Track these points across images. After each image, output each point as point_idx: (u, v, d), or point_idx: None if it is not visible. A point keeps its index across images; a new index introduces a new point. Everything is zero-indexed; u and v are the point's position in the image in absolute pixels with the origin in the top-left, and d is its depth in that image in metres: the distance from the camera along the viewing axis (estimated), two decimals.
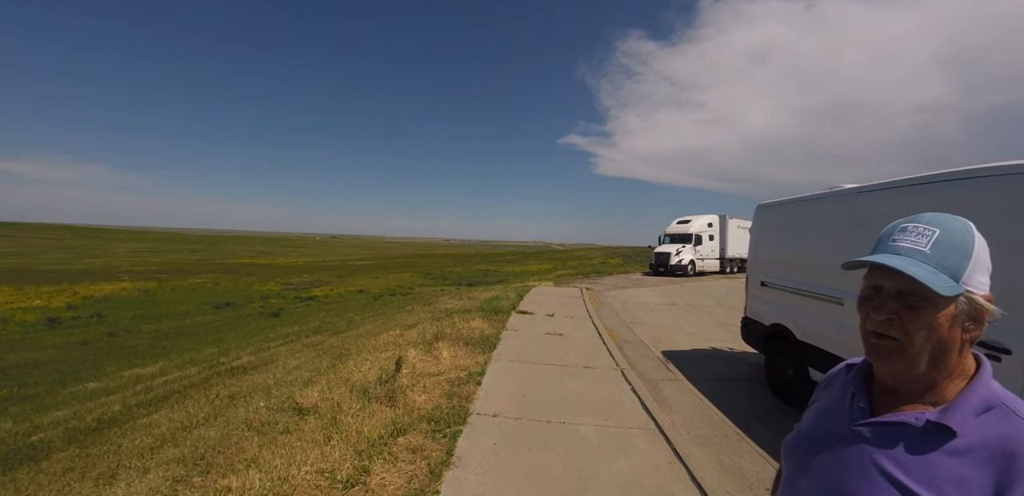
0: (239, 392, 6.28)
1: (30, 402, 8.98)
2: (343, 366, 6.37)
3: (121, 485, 3.67)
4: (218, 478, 3.50)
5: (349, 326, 12.14)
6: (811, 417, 1.11)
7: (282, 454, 3.73)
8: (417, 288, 35.60)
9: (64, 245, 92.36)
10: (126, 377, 9.81)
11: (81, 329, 19.36)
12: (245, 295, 30.67)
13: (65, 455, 5.15)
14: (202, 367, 9.26)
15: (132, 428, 5.64)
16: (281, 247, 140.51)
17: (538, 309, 11.76)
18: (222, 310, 24.22)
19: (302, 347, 9.67)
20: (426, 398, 5.06)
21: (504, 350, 7.39)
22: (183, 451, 4.16)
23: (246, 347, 11.25)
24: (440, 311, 11.76)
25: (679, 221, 28.09)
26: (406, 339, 7.96)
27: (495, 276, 48.39)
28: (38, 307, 24.72)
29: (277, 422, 4.51)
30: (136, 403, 7.13)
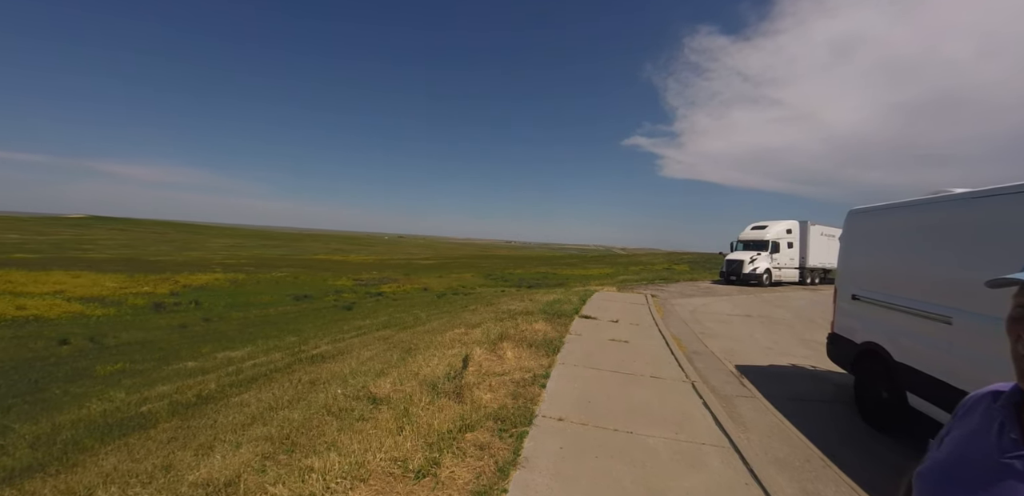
0: (319, 379, 6.73)
1: (139, 376, 10.15)
2: (412, 360, 6.61)
3: (217, 457, 4.03)
4: (302, 457, 3.75)
5: (416, 322, 12.60)
6: (949, 448, 0.99)
7: (359, 440, 3.93)
8: (478, 288, 36.27)
9: (167, 239, 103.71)
10: (219, 359, 10.86)
11: (181, 314, 21.62)
12: (321, 289, 32.78)
13: (169, 426, 5.79)
14: (285, 353, 10.04)
15: (225, 405, 6.23)
16: (353, 245, 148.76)
17: (601, 314, 11.56)
18: (301, 302, 26.07)
19: (374, 340, 10.17)
20: (492, 397, 5.13)
21: (568, 354, 7.33)
22: (270, 430, 4.50)
23: (323, 337, 12.04)
24: (503, 312, 11.88)
25: (754, 227, 26.40)
26: (471, 338, 8.12)
27: (555, 279, 48.18)
28: (146, 293, 27.90)
29: (353, 409, 4.76)
30: (229, 383, 7.87)
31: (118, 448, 5.20)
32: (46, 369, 11.37)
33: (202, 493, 3.36)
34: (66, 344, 14.62)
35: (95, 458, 5.05)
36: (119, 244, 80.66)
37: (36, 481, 4.72)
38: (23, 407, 8.21)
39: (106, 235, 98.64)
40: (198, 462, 3.98)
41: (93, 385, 9.35)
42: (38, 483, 4.64)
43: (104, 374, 10.30)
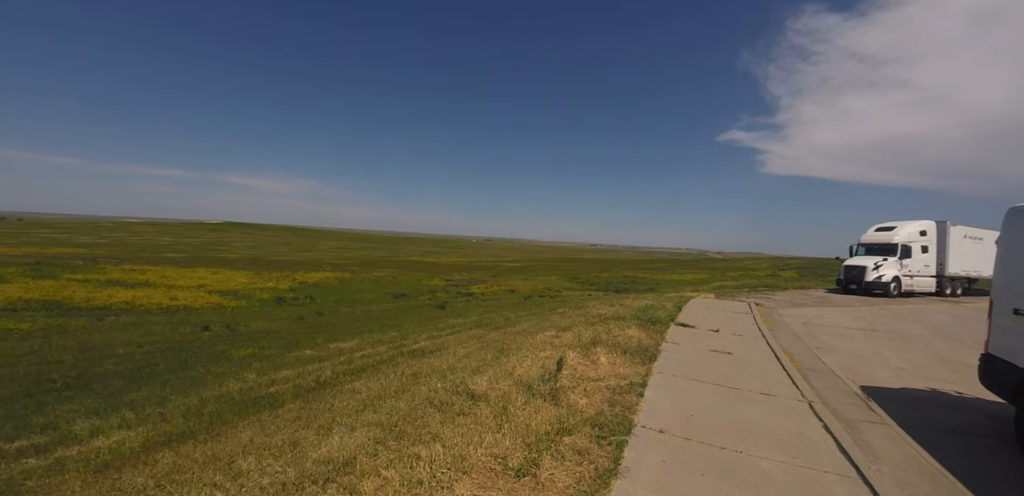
0: (420, 372, 7.12)
1: (266, 361, 11.46)
2: (506, 360, 6.73)
3: (335, 437, 4.41)
4: (409, 445, 3.97)
5: (506, 323, 12.84)
6: None
7: (460, 433, 4.07)
8: (564, 291, 36.09)
9: (285, 241, 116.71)
10: (331, 349, 11.96)
11: (299, 307, 24.13)
12: (416, 288, 34.73)
13: (293, 406, 6.48)
14: (388, 347, 10.79)
15: (340, 391, 6.83)
16: (444, 248, 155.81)
17: (700, 323, 10.91)
18: (399, 300, 27.85)
19: (468, 338, 10.55)
20: (587, 402, 5.04)
21: (666, 363, 7.00)
22: (380, 417, 4.83)
23: (421, 333, 12.75)
24: (592, 316, 11.68)
25: (879, 228, 23.14)
26: (562, 341, 8.08)
27: (644, 284, 46.46)
28: (270, 288, 31.53)
29: (453, 403, 4.95)
30: (342, 371, 8.63)
31: (252, 423, 5.93)
32: (192, 351, 13.30)
33: (324, 470, 3.69)
34: (207, 330, 16.98)
35: (234, 430, 5.80)
36: (248, 246, 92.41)
37: (188, 446, 5.53)
38: (176, 382, 9.66)
39: (238, 238, 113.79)
40: (319, 441, 4.38)
41: (229, 367, 10.76)
42: (190, 447, 5.42)
43: (238, 357, 11.83)
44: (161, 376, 10.16)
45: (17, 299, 21.73)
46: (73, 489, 4.66)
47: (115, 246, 69.75)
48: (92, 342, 14.20)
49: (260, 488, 3.55)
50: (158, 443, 5.75)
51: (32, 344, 13.51)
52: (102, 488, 4.45)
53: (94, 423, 6.85)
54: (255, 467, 3.99)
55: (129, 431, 6.35)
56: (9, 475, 5.38)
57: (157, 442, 5.79)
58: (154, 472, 4.56)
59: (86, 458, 5.54)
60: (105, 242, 76.85)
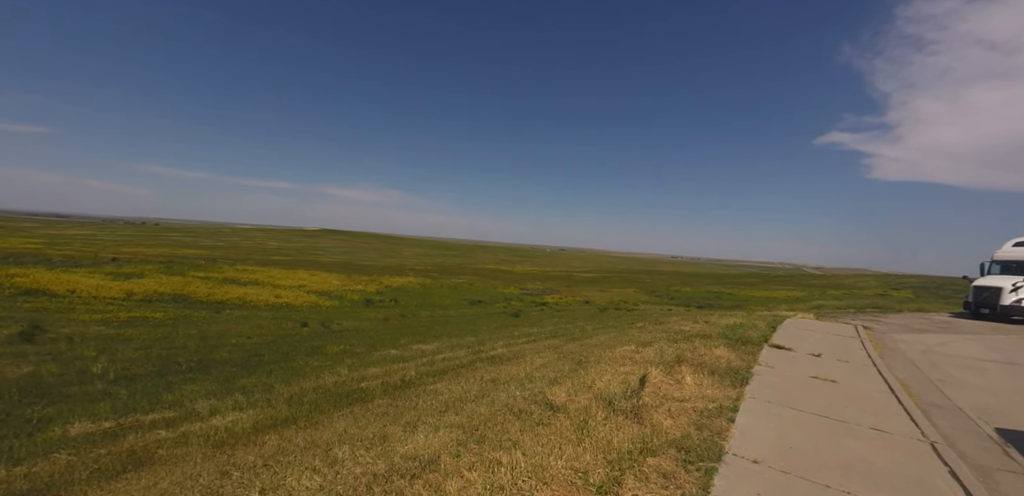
0: (499, 378, 7.23)
1: (356, 357, 12.27)
2: (584, 373, 6.63)
3: (421, 436, 4.60)
4: (490, 450, 4.03)
5: (583, 335, 12.67)
6: None
7: (541, 443, 4.07)
8: (641, 304, 34.87)
9: (373, 247, 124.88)
10: (414, 350, 12.56)
11: (384, 309, 25.61)
12: (492, 295, 35.42)
13: (382, 402, 6.87)
14: (467, 351, 11.11)
15: (424, 392, 7.13)
16: (518, 256, 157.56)
17: (798, 345, 9.99)
18: (475, 306, 28.59)
19: (544, 348, 10.56)
20: (672, 423, 4.81)
21: (759, 388, 6.49)
22: (461, 419, 4.96)
23: (498, 340, 13.00)
24: (675, 332, 11.16)
25: (1017, 243, 19.69)
26: (643, 357, 7.80)
27: (730, 300, 43.58)
28: (359, 290, 33.81)
29: (532, 412, 4.97)
30: (424, 372, 9.03)
31: (345, 415, 6.37)
32: (292, 344, 14.61)
33: (411, 465, 3.86)
34: (305, 326, 18.56)
35: (330, 420, 6.27)
36: (341, 251, 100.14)
37: (291, 431, 6.05)
38: (279, 372, 10.63)
39: (332, 244, 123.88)
40: (406, 437, 4.59)
41: (325, 361, 11.67)
42: (292, 432, 5.93)
43: (332, 353, 12.80)
44: (267, 365, 11.25)
45: (153, 292, 25.29)
46: (195, 461, 5.29)
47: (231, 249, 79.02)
48: (211, 332, 16.12)
49: (354, 476, 3.79)
50: (265, 426, 6.37)
51: (163, 331, 15.62)
52: (219, 462, 5.00)
53: (212, 403, 7.74)
54: (349, 456, 4.27)
55: (241, 413, 7.11)
56: (145, 443, 6.24)
57: (265, 425, 6.41)
58: (262, 452, 5.05)
59: (206, 434, 6.27)
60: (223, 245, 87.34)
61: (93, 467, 5.47)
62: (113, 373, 10.14)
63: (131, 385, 9.39)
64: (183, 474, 4.75)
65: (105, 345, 12.80)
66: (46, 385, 9.10)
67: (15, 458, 5.83)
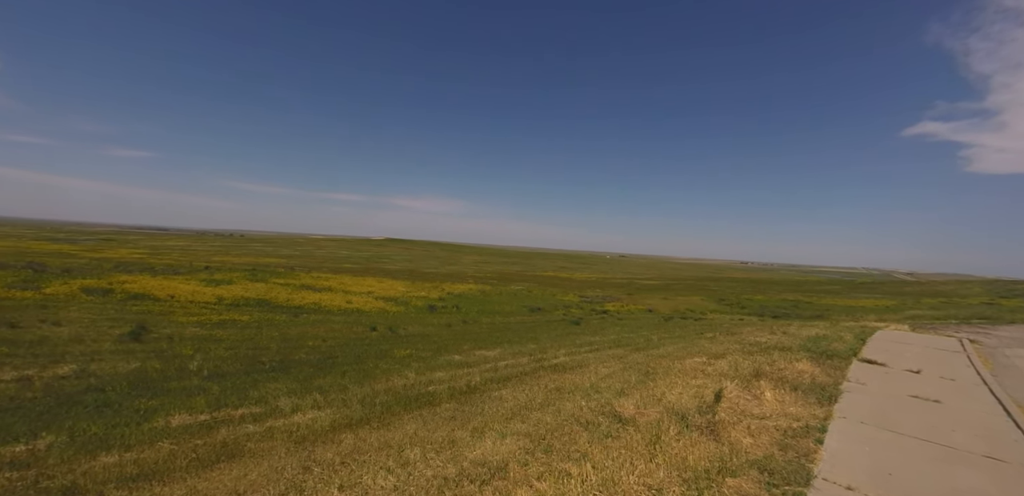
0: (563, 387, 7.15)
1: (422, 362, 12.61)
2: (653, 384, 6.39)
3: (488, 442, 4.62)
4: (558, 460, 3.98)
5: (648, 345, 12.26)
6: None
7: (611, 456, 3.96)
8: (710, 313, 33.19)
9: (434, 255, 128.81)
10: (477, 356, 12.73)
11: (447, 315, 26.21)
12: (551, 303, 35.23)
13: (448, 406, 7.01)
14: (529, 359, 11.10)
15: (488, 398, 7.19)
16: (576, 263, 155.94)
17: (892, 361, 9.06)
18: (535, 313, 28.55)
19: (608, 358, 10.32)
20: (753, 442, 4.51)
21: (850, 407, 5.94)
22: (528, 427, 4.94)
23: (559, 348, 12.89)
24: (750, 344, 10.51)
25: None
26: (716, 369, 7.40)
27: (809, 309, 40.47)
28: (422, 297, 34.87)
29: (599, 424, 4.85)
30: (488, 379, 9.12)
31: (415, 417, 6.56)
32: (363, 347, 15.28)
33: (480, 471, 3.88)
34: (374, 331, 19.39)
35: (401, 421, 6.47)
36: (405, 259, 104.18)
37: (365, 430, 6.31)
38: (352, 373, 11.14)
39: (397, 252, 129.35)
40: (474, 443, 4.64)
41: (393, 364, 12.10)
42: (366, 432, 6.17)
43: (399, 356, 13.25)
44: (340, 367, 11.85)
45: (240, 297, 27.52)
46: (280, 455, 5.64)
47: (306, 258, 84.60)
48: (290, 334, 17.26)
49: (425, 479, 3.87)
50: (342, 425, 6.69)
51: (249, 333, 16.92)
52: (301, 457, 5.30)
53: (294, 401, 8.25)
54: (420, 458, 4.37)
55: (320, 412, 7.51)
56: (236, 436, 6.74)
57: (341, 424, 6.73)
58: (340, 450, 5.29)
59: (289, 430, 6.67)
60: (299, 254, 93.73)
61: (192, 456, 5.99)
62: (207, 370, 11.10)
63: (222, 381, 10.22)
64: (269, 467, 5.08)
65: (200, 344, 14.06)
66: (151, 379, 10.13)
67: (127, 444, 6.51)
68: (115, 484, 5.15)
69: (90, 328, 15.03)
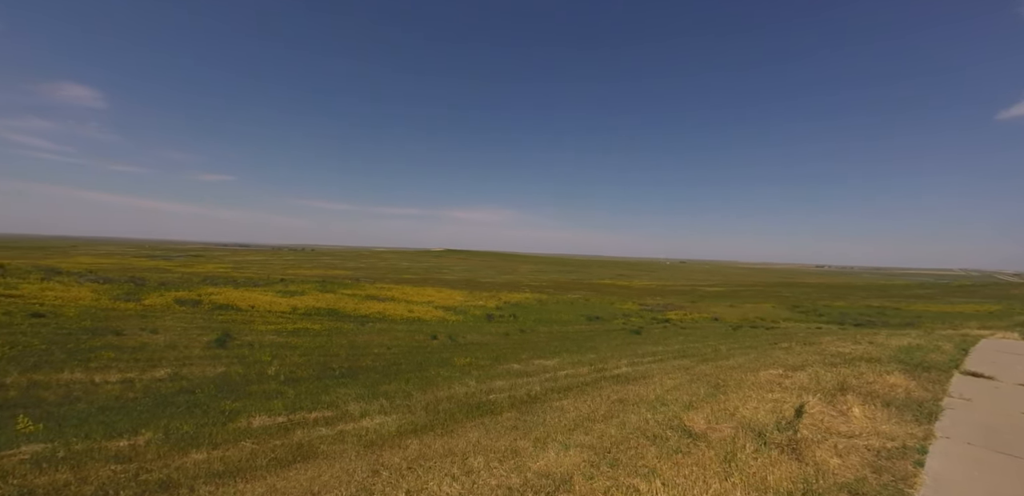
0: (626, 399, 6.94)
1: (482, 370, 12.73)
2: (724, 398, 6.05)
3: (551, 453, 4.56)
4: (625, 475, 3.84)
5: (716, 355, 11.65)
6: None
7: (682, 473, 3.77)
8: (783, 322, 31.06)
9: (490, 265, 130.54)
10: (535, 365, 12.68)
11: (504, 324, 26.37)
12: (609, 311, 34.49)
13: (510, 416, 7.01)
14: (589, 369, 10.90)
15: (550, 408, 7.12)
16: (635, 270, 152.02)
17: (1002, 373, 8.01)
18: (593, 322, 28.06)
19: (673, 369, 9.91)
20: (841, 463, 4.13)
21: (954, 426, 5.30)
22: (591, 439, 4.83)
23: (620, 358, 12.55)
24: (832, 355, 9.71)
25: None
26: (794, 382, 6.89)
27: (897, 316, 36.88)
28: (480, 306, 35.32)
29: (668, 438, 4.64)
30: (549, 388, 9.05)
31: (477, 426, 6.61)
32: (425, 355, 15.68)
33: (544, 483, 3.83)
34: (435, 339, 19.85)
35: (463, 429, 6.55)
36: (462, 269, 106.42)
37: (429, 437, 6.43)
38: (415, 380, 11.45)
39: (454, 263, 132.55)
40: (537, 453, 4.59)
41: (454, 372, 12.32)
42: (431, 439, 6.30)
43: (460, 365, 13.48)
44: (404, 374, 12.22)
45: (312, 307, 29.16)
46: (350, 458, 5.87)
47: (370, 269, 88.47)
48: (357, 342, 18.04)
49: (489, 488, 3.87)
50: (407, 431, 6.88)
51: (320, 340, 17.85)
52: (370, 461, 5.49)
53: (362, 406, 8.59)
54: (483, 467, 4.39)
55: (386, 417, 7.77)
56: (310, 438, 7.10)
57: (407, 430, 6.92)
58: (406, 455, 5.43)
59: (358, 434, 6.94)
60: (364, 266, 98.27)
61: (271, 455, 6.37)
62: (283, 375, 11.82)
63: (297, 386, 10.84)
64: (341, 469, 5.30)
65: (277, 351, 15.02)
66: (234, 383, 10.93)
67: (214, 443, 7.03)
68: (204, 479, 5.56)
69: (182, 336, 16.49)
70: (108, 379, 10.51)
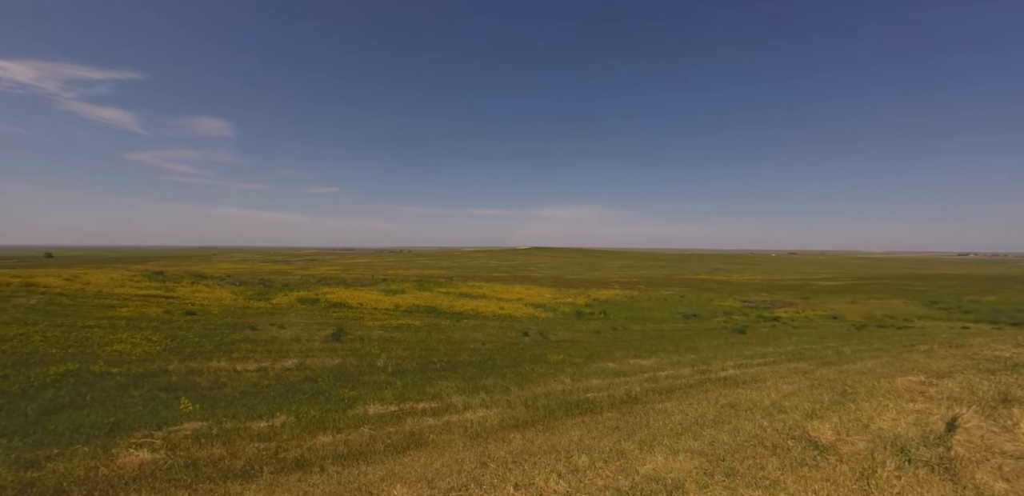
0: (737, 403, 6.52)
1: (575, 368, 12.71)
2: (854, 407, 5.45)
3: (658, 456, 4.43)
4: (743, 486, 3.62)
5: (839, 358, 10.49)
6: None
7: (810, 488, 3.48)
8: (918, 320, 27.07)
9: (577, 262, 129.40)
10: (632, 364, 12.38)
11: (595, 321, 26.03)
12: (707, 308, 32.51)
13: (610, 415, 6.94)
14: (692, 370, 10.40)
15: (652, 410, 6.93)
16: (735, 264, 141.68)
17: None
18: (690, 320, 26.66)
19: (788, 372, 9.11)
20: (1008, 488, 3.53)
21: None
22: (702, 445, 4.61)
23: (726, 360, 11.80)
24: (987, 359, 8.29)
25: None
26: (940, 391, 6.00)
27: None
28: (569, 303, 35.18)
29: (789, 449, 4.29)
30: (649, 389, 8.80)
31: (578, 424, 6.64)
32: (518, 351, 16.02)
33: (655, 487, 3.74)
34: (526, 336, 20.18)
35: (564, 426, 6.61)
36: (549, 266, 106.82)
37: (531, 432, 6.58)
38: (511, 376, 11.74)
39: (541, 260, 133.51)
40: (643, 456, 4.49)
41: (548, 368, 12.45)
42: (532, 434, 6.44)
43: (553, 361, 13.60)
44: (500, 369, 12.60)
45: (412, 304, 31.05)
46: (458, 448, 6.18)
47: (461, 268, 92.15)
48: (454, 338, 18.92)
49: (596, 487, 3.87)
50: (509, 425, 7.09)
51: (421, 335, 18.98)
52: (476, 452, 5.74)
53: (464, 399, 9.01)
54: (589, 466, 4.39)
55: (488, 410, 8.08)
56: (420, 427, 7.58)
57: (509, 424, 7.14)
58: (510, 449, 5.61)
59: (463, 425, 7.30)
60: (456, 266, 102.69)
61: (387, 441, 6.91)
62: (391, 367, 12.76)
63: (403, 378, 11.65)
64: (451, 458, 5.60)
65: (384, 345, 16.25)
66: (349, 373, 11.99)
67: (337, 427, 7.78)
68: (332, 460, 6.18)
69: (304, 330, 18.47)
70: (247, 368, 12.11)
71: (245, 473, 5.72)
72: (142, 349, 12.86)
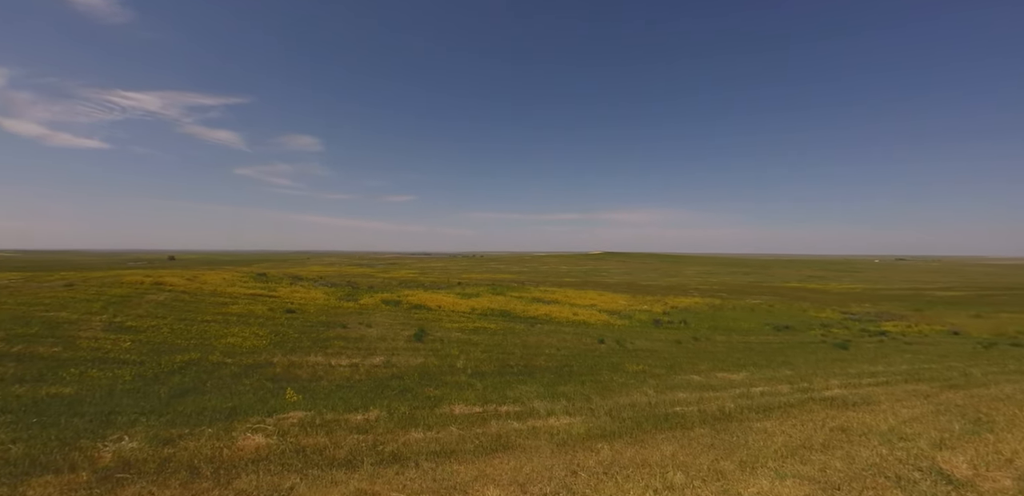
0: (849, 427, 6.01)
1: (657, 379, 12.32)
2: (993, 438, 4.82)
3: (763, 480, 4.22)
4: None
5: (968, 381, 9.26)
6: None
7: None
8: None
9: (652, 268, 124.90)
10: (719, 378, 11.76)
11: (674, 330, 25.01)
12: (801, 320, 30.01)
13: (703, 432, 6.67)
14: (790, 388, 9.68)
15: (750, 429, 6.56)
16: (831, 271, 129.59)
17: None
18: (781, 332, 24.74)
19: (905, 395, 8.19)
20: None
21: None
22: (812, 471, 4.32)
23: (829, 378, 10.83)
24: None
25: None
26: None
27: None
28: (645, 310, 34.09)
29: (917, 482, 3.91)
30: (744, 406, 8.33)
31: (668, 438, 6.45)
32: (594, 358, 15.81)
33: None
34: (602, 343, 19.85)
35: (654, 440, 6.46)
36: (622, 272, 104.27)
37: (619, 444, 6.50)
38: (590, 384, 11.63)
39: (614, 266, 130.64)
40: (745, 478, 4.29)
41: (628, 378, 12.18)
42: (621, 446, 6.36)
43: (632, 371, 13.27)
44: (578, 376, 12.53)
45: (487, 308, 31.74)
46: (545, 454, 6.26)
47: (533, 273, 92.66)
48: (529, 342, 19.08)
49: None
50: (596, 434, 7.07)
51: (496, 339, 19.34)
52: (565, 460, 5.79)
53: (546, 405, 9.09)
54: (686, 484, 4.28)
55: (571, 418, 8.09)
56: (505, 430, 7.75)
57: (595, 434, 7.11)
58: (599, 459, 5.59)
59: (549, 432, 7.37)
60: (527, 270, 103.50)
61: (475, 442, 7.14)
62: (470, 369, 13.16)
63: (483, 380, 11.96)
64: (540, 464, 5.69)
65: (462, 347, 16.78)
66: (431, 373, 12.53)
67: (427, 424, 8.16)
68: (425, 456, 6.50)
69: (389, 330, 19.56)
70: (340, 363, 13.07)
71: (348, 462, 6.19)
72: (251, 342, 14.37)
